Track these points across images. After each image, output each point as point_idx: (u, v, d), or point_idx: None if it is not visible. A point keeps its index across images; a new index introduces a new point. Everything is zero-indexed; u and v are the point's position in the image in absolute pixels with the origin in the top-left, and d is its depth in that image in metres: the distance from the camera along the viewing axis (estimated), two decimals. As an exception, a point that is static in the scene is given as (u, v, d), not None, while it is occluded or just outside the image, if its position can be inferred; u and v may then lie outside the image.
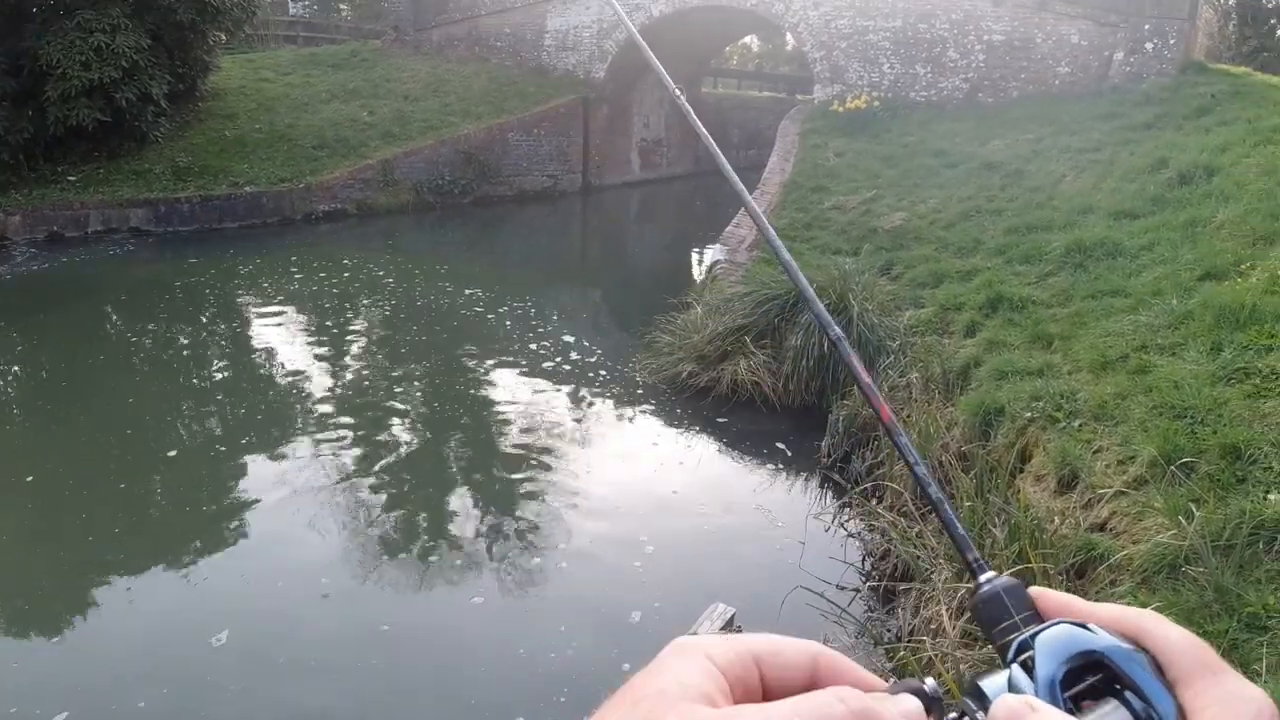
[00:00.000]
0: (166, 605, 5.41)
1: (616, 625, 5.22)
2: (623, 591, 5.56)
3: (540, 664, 4.87)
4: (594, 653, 4.96)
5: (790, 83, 36.52)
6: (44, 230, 15.74)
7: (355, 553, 6.02)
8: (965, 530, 0.73)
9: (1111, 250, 8.12)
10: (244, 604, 5.38)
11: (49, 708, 4.37)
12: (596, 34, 22.93)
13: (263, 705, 4.53)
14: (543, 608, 5.49)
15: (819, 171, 14.33)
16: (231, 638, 4.96)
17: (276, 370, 9.84)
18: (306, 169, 18.61)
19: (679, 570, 5.85)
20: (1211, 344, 5.60)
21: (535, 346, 10.75)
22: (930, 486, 0.78)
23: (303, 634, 5.13)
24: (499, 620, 5.35)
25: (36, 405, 8.94)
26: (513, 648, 5.01)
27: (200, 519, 6.52)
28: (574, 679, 4.71)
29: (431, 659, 4.95)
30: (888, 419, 0.80)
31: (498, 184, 20.99)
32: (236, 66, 22.01)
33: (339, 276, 14.24)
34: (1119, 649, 0.57)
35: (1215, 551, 3.76)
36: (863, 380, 0.82)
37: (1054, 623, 0.60)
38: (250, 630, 5.11)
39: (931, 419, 6.23)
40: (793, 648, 0.54)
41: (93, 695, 4.56)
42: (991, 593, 0.64)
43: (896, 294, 9.17)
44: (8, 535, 6.21)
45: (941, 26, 17.88)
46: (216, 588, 5.57)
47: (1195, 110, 12.47)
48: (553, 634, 5.14)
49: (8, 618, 5.36)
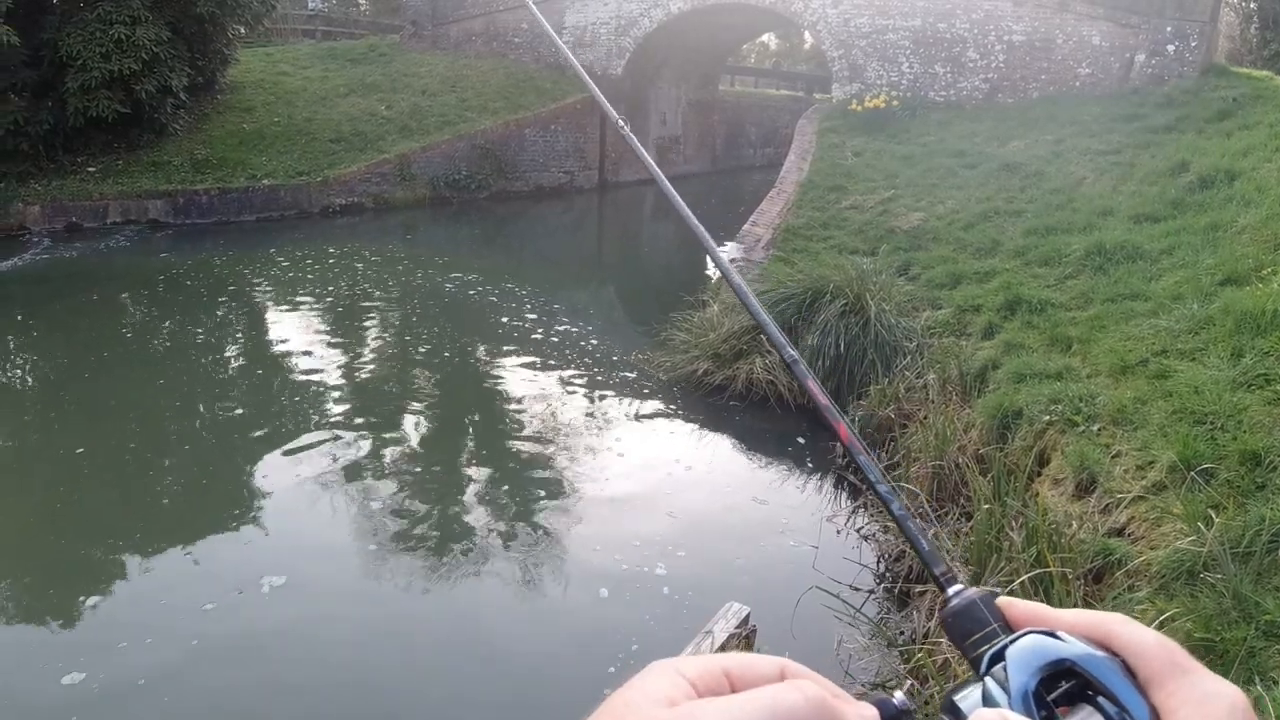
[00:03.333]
0: (172, 580, 5.44)
1: (628, 623, 5.21)
2: (635, 590, 5.56)
3: (547, 660, 4.88)
4: (602, 650, 4.96)
5: (808, 81, 36.49)
6: (63, 221, 15.84)
7: (368, 540, 6.03)
8: (931, 545, 0.74)
9: (1131, 253, 8.07)
10: (257, 585, 5.42)
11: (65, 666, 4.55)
12: (614, 30, 22.92)
13: (274, 689, 4.54)
14: (552, 604, 5.49)
15: (836, 171, 14.29)
16: (239, 617, 5.00)
17: (293, 360, 9.87)
18: (324, 163, 18.68)
19: (693, 568, 5.84)
20: (1232, 349, 5.56)
21: (550, 342, 10.76)
22: (892, 504, 0.80)
23: (314, 616, 5.15)
24: (508, 613, 5.36)
25: (51, 392, 8.99)
26: (521, 642, 5.03)
27: (212, 505, 6.53)
28: (579, 677, 4.72)
29: (442, 647, 4.96)
30: (846, 439, 0.85)
31: (514, 180, 21.03)
32: (255, 60, 22.11)
33: (355, 270, 14.29)
34: (1089, 655, 0.57)
35: (1234, 558, 3.74)
36: (820, 401, 0.85)
37: (1024, 633, 0.60)
38: (263, 609, 5.15)
39: (948, 421, 6.20)
40: (763, 661, 0.56)
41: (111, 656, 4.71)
42: (960, 606, 0.65)
43: (914, 294, 9.13)
44: (32, 510, 6.32)
45: (961, 26, 17.80)
46: (223, 578, 5.60)
47: (1217, 114, 12.39)
48: (562, 630, 5.15)
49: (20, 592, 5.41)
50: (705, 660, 0.55)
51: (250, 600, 5.26)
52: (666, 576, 5.71)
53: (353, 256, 15.25)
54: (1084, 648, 0.58)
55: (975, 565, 4.68)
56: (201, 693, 4.49)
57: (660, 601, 5.41)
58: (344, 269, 14.33)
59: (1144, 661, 0.57)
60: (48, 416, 8.38)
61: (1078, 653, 0.57)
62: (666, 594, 5.49)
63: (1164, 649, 0.57)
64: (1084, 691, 0.56)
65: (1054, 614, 0.62)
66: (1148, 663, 0.56)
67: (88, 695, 4.38)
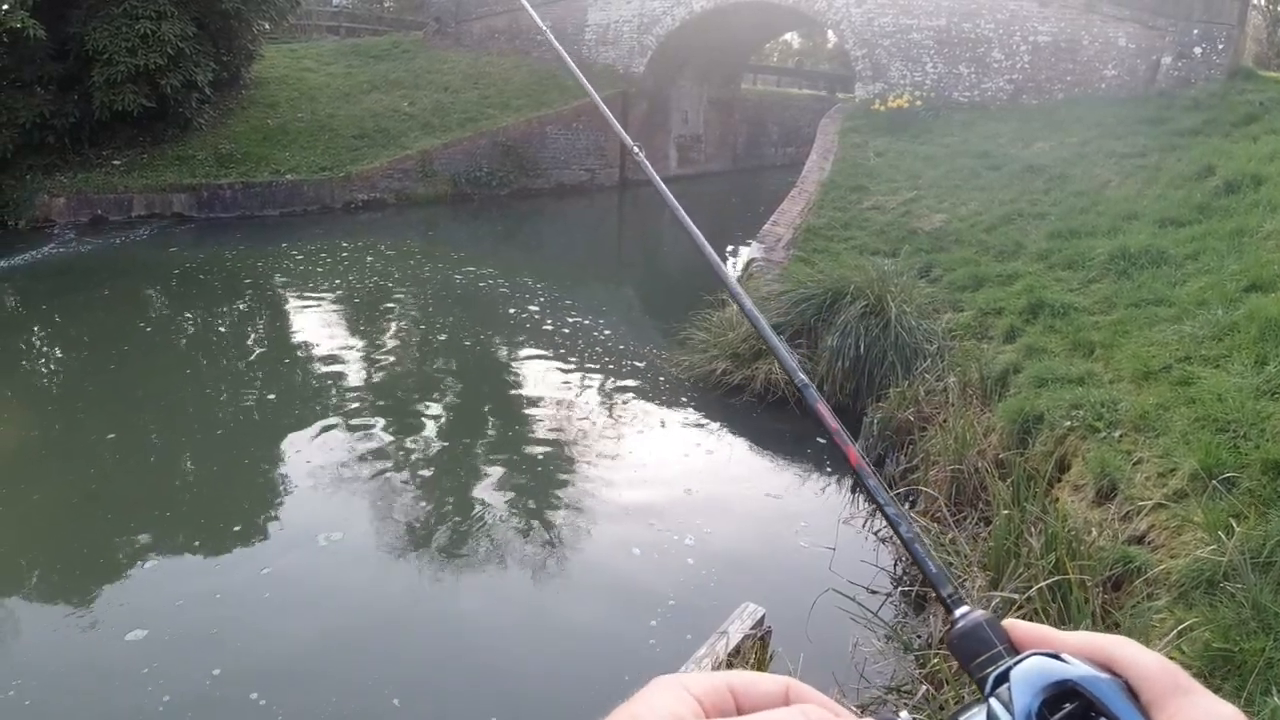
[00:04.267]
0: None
1: (642, 622, 5.22)
2: (648, 588, 5.56)
3: (556, 657, 4.90)
4: (615, 647, 4.97)
5: (831, 80, 36.37)
6: (88, 214, 16.00)
7: (386, 534, 6.08)
8: (938, 568, 0.75)
9: (1156, 258, 8.00)
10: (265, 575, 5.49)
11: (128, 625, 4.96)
12: (637, 28, 22.92)
13: (292, 678, 4.58)
14: (565, 600, 5.52)
15: (859, 171, 14.23)
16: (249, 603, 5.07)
17: (313, 354, 9.94)
18: (347, 158, 18.78)
19: (708, 569, 5.84)
20: (1256, 357, 5.51)
21: (569, 340, 10.78)
22: (901, 526, 0.81)
23: (325, 612, 5.19)
24: (524, 608, 5.38)
25: (74, 382, 9.09)
26: (537, 637, 5.05)
27: (232, 497, 6.61)
28: (587, 674, 4.73)
29: (460, 642, 4.99)
30: (856, 463, 0.88)
31: (535, 177, 21.07)
32: (280, 56, 22.25)
33: (377, 265, 14.36)
34: (1092, 677, 0.58)
35: (1254, 568, 3.71)
36: (830, 426, 0.87)
37: (1028, 654, 0.61)
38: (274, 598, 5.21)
39: (968, 424, 6.17)
40: (767, 679, 0.57)
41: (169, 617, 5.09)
42: (967, 628, 0.66)
43: (935, 296, 9.08)
44: (75, 490, 6.56)
45: (986, 26, 17.69)
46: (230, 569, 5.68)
47: (1243, 118, 12.26)
48: (575, 627, 5.17)
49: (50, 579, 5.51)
50: (711, 678, 0.55)
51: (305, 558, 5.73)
52: (679, 575, 5.72)
53: (374, 251, 15.33)
54: (1087, 669, 0.58)
55: (993, 571, 4.65)
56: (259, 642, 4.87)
57: (672, 600, 5.41)
58: (366, 263, 14.41)
59: (1146, 683, 0.57)
60: (75, 405, 8.51)
61: (1081, 674, 0.58)
62: (679, 593, 5.50)
63: (1166, 671, 0.58)
64: (1087, 713, 0.57)
65: (1058, 636, 0.62)
66: (1150, 684, 0.57)
67: (151, 649, 4.78)
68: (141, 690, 4.46)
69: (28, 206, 15.63)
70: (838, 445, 0.86)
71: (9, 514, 6.25)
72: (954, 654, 0.66)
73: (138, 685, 4.49)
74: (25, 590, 5.50)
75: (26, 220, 15.51)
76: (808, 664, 4.11)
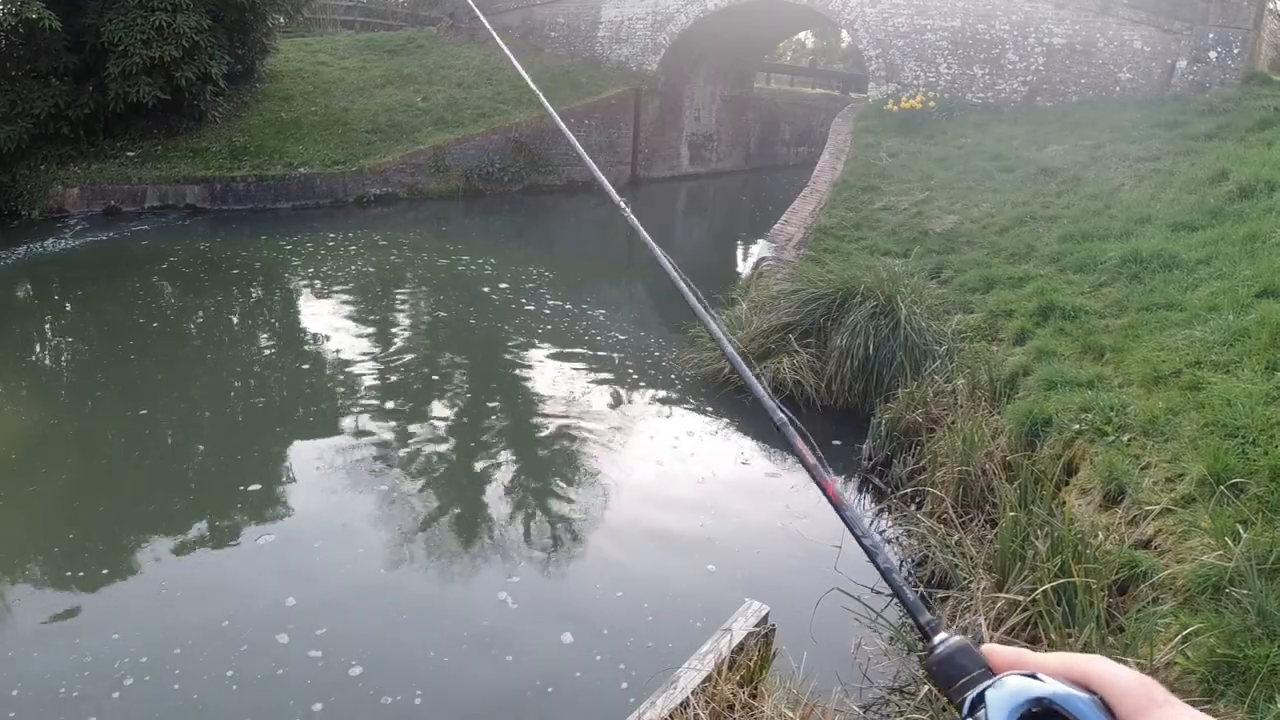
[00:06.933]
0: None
1: (645, 619, 5.23)
2: (653, 585, 5.58)
3: (563, 653, 4.90)
4: (620, 643, 4.98)
5: (844, 80, 36.24)
6: (101, 204, 16.07)
7: (396, 528, 6.10)
8: (915, 596, 0.76)
9: (1168, 262, 7.97)
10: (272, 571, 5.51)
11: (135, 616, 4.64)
12: (651, 26, 22.91)
13: (299, 677, 4.60)
14: (572, 596, 5.53)
15: (871, 171, 14.21)
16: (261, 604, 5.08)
17: (324, 346, 9.98)
18: (360, 152, 18.83)
19: (713, 566, 5.85)
20: (1267, 363, 5.49)
21: (578, 336, 10.79)
22: (878, 556, 0.83)
23: (333, 607, 5.21)
24: (530, 604, 5.39)
25: (88, 372, 9.14)
26: (544, 633, 5.06)
27: (242, 489, 6.63)
28: (593, 672, 4.74)
29: (465, 638, 4.99)
30: (834, 495, 0.89)
31: (547, 173, 21.08)
32: (294, 50, 22.31)
33: (388, 259, 14.39)
34: (1067, 695, 0.59)
35: (1261, 575, 3.70)
36: (807, 461, 0.89)
37: (1004, 675, 0.62)
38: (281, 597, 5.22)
39: (976, 426, 6.15)
40: None
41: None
42: (945, 653, 0.67)
43: (945, 298, 9.07)
44: (69, 485, 6.51)
45: (1001, 28, 17.63)
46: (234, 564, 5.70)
47: (1258, 122, 12.20)
48: (581, 623, 5.17)
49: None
50: None
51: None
52: (684, 572, 5.74)
53: (386, 245, 15.35)
54: (1063, 687, 0.59)
55: (999, 573, 4.65)
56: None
57: (676, 597, 5.43)
58: (377, 258, 14.44)
59: (1121, 698, 0.58)
60: (93, 395, 8.56)
61: (1056, 692, 0.59)
62: (683, 590, 5.51)
63: (1141, 685, 0.59)
64: None
65: (1035, 657, 0.64)
66: (1126, 699, 0.58)
67: (159, 644, 4.76)
68: (152, 686, 4.47)
69: (41, 197, 15.71)
70: (814, 478, 0.88)
71: (21, 501, 6.30)
72: (932, 679, 0.68)
73: (145, 682, 4.50)
74: (32, 578, 5.53)
75: (40, 211, 15.59)
76: (811, 663, 4.10)
